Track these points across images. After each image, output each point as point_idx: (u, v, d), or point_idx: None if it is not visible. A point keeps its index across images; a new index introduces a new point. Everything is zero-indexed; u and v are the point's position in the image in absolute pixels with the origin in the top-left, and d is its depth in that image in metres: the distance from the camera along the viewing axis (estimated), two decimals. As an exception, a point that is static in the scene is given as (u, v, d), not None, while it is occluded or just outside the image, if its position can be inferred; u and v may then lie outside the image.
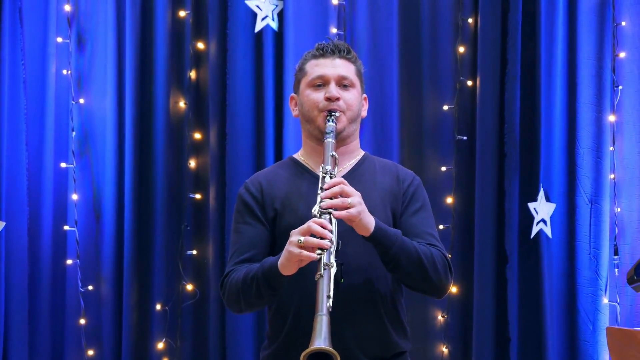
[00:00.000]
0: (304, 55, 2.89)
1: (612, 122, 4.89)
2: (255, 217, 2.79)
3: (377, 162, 2.94)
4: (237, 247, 2.79)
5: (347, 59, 2.85)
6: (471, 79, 4.90)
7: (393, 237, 2.66)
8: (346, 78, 2.82)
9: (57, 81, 4.86)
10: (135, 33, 4.82)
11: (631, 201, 4.89)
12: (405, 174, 2.92)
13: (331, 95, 2.77)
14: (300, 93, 2.86)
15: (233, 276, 2.72)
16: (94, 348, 4.83)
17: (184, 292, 4.80)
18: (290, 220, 2.74)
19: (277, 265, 2.58)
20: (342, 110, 2.79)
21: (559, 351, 4.85)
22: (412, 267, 2.68)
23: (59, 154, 4.87)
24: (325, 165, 2.69)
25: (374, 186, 2.81)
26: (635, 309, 4.88)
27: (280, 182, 2.83)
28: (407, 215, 2.83)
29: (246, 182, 2.89)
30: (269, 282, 2.61)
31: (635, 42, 4.93)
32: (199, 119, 4.86)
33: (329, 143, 2.73)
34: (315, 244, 2.51)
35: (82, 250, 4.83)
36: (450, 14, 4.93)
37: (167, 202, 4.82)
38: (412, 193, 2.87)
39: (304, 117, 2.85)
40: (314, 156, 2.86)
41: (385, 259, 2.67)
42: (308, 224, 2.53)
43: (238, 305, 2.73)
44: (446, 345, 4.88)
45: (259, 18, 4.80)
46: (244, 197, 2.84)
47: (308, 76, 2.84)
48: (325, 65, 2.82)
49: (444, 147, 4.91)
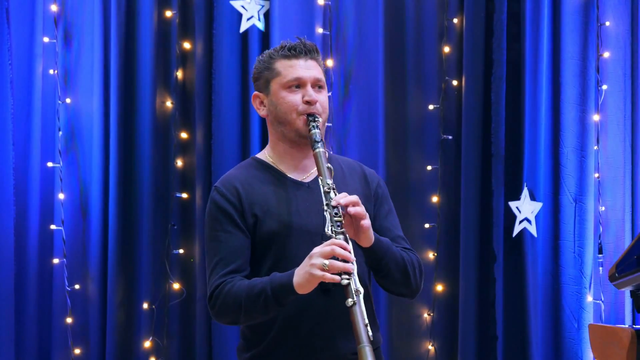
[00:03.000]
0: (268, 53, 2.79)
1: (597, 122, 4.92)
2: (235, 225, 2.70)
3: (342, 162, 2.89)
4: (220, 257, 2.69)
5: (316, 60, 2.79)
6: (457, 79, 4.93)
7: (385, 247, 2.68)
8: (320, 80, 2.77)
9: (43, 81, 4.87)
10: (122, 33, 4.83)
11: (615, 200, 4.92)
12: (370, 173, 2.90)
13: (311, 99, 2.72)
14: (272, 93, 2.76)
15: (229, 288, 2.63)
16: (80, 347, 4.84)
17: (171, 291, 4.81)
18: (272, 226, 2.69)
19: (293, 284, 2.53)
20: (319, 113, 2.74)
21: (544, 349, 4.88)
22: (399, 275, 2.72)
23: (45, 154, 4.87)
24: (325, 178, 2.61)
25: (346, 189, 2.74)
26: (619, 306, 4.91)
27: (256, 187, 2.75)
28: (380, 219, 2.83)
29: (217, 186, 2.77)
30: (279, 300, 2.56)
31: (619, 42, 4.96)
32: (186, 119, 4.87)
33: (321, 153, 2.67)
34: (341, 268, 2.47)
35: (69, 249, 4.83)
36: (436, 14, 4.96)
37: (154, 201, 4.83)
38: (380, 195, 2.87)
39: (278, 119, 2.76)
40: (286, 158, 2.79)
41: (377, 267, 2.69)
42: (331, 247, 2.48)
43: (235, 317, 2.67)
44: (432, 343, 4.90)
45: (244, 18, 4.81)
46: (220, 203, 2.73)
47: (282, 77, 2.74)
48: (299, 67, 2.74)
49: (430, 146, 4.94)
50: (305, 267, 2.51)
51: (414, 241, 4.80)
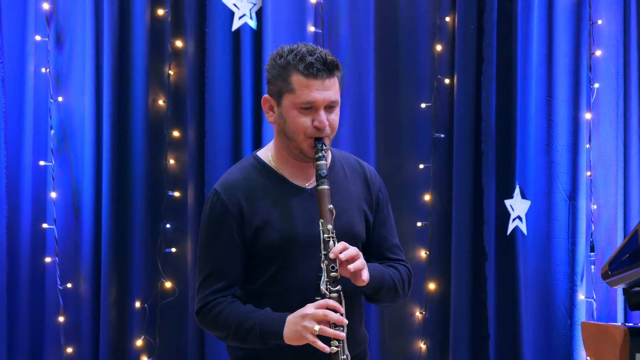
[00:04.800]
0: (285, 59, 2.63)
1: (589, 120, 4.93)
2: (232, 237, 2.65)
3: (344, 163, 2.84)
4: (211, 270, 2.66)
5: (336, 77, 2.68)
6: (449, 77, 4.93)
7: (380, 282, 2.69)
8: (334, 102, 2.67)
9: (35, 79, 4.84)
10: (114, 31, 4.81)
11: (607, 198, 4.94)
12: (371, 175, 2.87)
13: (321, 126, 2.63)
14: (283, 107, 2.65)
15: (219, 311, 2.63)
16: (72, 346, 4.83)
17: (163, 289, 4.80)
18: (274, 238, 2.64)
19: (282, 335, 2.54)
20: (327, 136, 2.66)
21: (536, 347, 4.89)
22: (390, 297, 2.77)
23: (37, 152, 4.86)
24: (325, 223, 2.56)
25: (348, 196, 2.74)
26: (611, 304, 4.92)
27: (258, 195, 2.68)
28: (379, 226, 2.83)
29: (219, 191, 2.68)
30: (266, 341, 2.59)
31: (611, 41, 4.98)
32: (178, 117, 4.86)
33: (325, 192, 2.59)
34: (331, 335, 2.49)
35: (61, 248, 4.82)
36: (428, 12, 4.96)
37: (146, 200, 4.82)
38: (381, 200, 2.85)
39: (285, 134, 2.67)
40: (288, 166, 2.73)
41: (370, 297, 2.74)
42: (324, 312, 2.49)
43: (222, 337, 2.69)
44: (424, 341, 4.90)
45: (236, 17, 4.81)
46: (219, 212, 2.67)
47: (296, 97, 2.61)
48: (315, 88, 2.61)
49: (422, 144, 4.94)
50: (297, 326, 2.53)
51: (406, 239, 4.81)
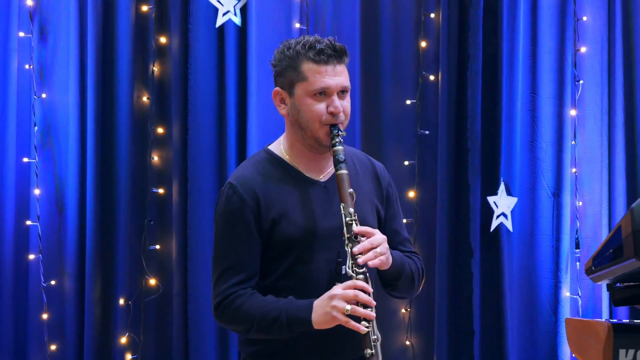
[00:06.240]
0: (294, 49, 2.66)
1: (573, 116, 4.94)
2: (249, 230, 2.64)
3: (355, 159, 2.84)
4: (230, 264, 2.64)
5: (345, 63, 2.70)
6: (434, 73, 4.93)
7: (400, 267, 2.68)
8: (346, 87, 2.68)
9: (19, 76, 4.82)
10: (98, 28, 4.79)
11: (592, 195, 4.94)
12: (380, 170, 2.87)
13: (336, 111, 2.64)
14: (296, 97, 2.66)
15: (240, 304, 2.61)
16: (56, 343, 4.81)
17: (147, 286, 4.79)
18: (290, 232, 2.64)
19: (310, 320, 2.52)
20: (342, 122, 2.68)
21: (520, 344, 4.89)
22: (406, 285, 2.76)
23: (21, 149, 4.83)
24: (347, 207, 2.57)
25: (360, 190, 2.72)
26: (597, 301, 4.93)
27: (273, 188, 2.67)
28: (389, 220, 2.83)
29: (234, 184, 2.67)
30: (293, 330, 2.57)
31: (596, 37, 4.98)
32: (162, 114, 4.84)
33: (344, 176, 2.60)
34: (363, 315, 2.47)
35: (45, 245, 4.80)
36: (413, 8, 4.96)
37: (130, 196, 4.80)
38: (391, 194, 2.86)
39: (299, 124, 2.67)
40: (303, 159, 2.73)
41: (389, 283, 2.72)
42: (354, 292, 2.47)
43: (243, 332, 2.67)
44: (410, 338, 4.90)
45: (220, 13, 4.79)
46: (237, 207, 2.65)
47: (309, 84, 2.63)
48: (327, 74, 2.63)
49: (407, 141, 4.94)
50: (326, 308, 2.51)
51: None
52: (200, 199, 4.80)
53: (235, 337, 4.74)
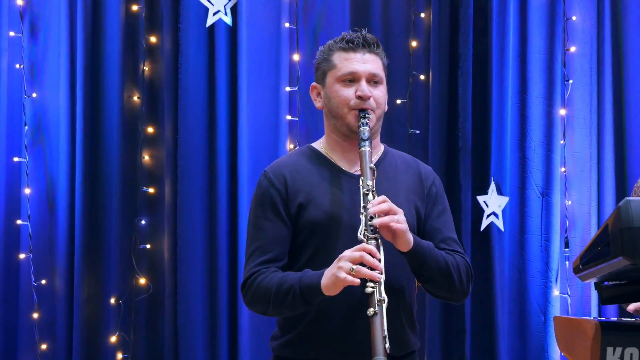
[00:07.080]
0: (328, 44, 2.77)
1: (563, 116, 4.95)
2: (278, 214, 2.70)
3: (397, 157, 2.87)
4: (258, 245, 2.70)
5: (375, 54, 2.74)
6: (424, 73, 4.94)
7: (427, 251, 2.64)
8: (377, 75, 2.72)
9: (9, 75, 4.82)
10: (88, 27, 4.79)
11: (581, 194, 4.95)
12: (426, 171, 2.88)
13: (364, 94, 2.68)
14: (327, 86, 2.75)
15: (261, 279, 2.64)
16: (47, 342, 4.80)
17: (138, 285, 4.79)
18: (315, 216, 2.68)
19: (320, 286, 2.52)
20: (372, 109, 2.70)
21: (511, 342, 4.90)
22: (442, 279, 2.69)
23: (11, 148, 4.83)
24: (365, 179, 2.59)
25: (397, 185, 2.75)
26: (586, 300, 4.94)
27: (304, 174, 2.74)
28: (432, 218, 2.80)
29: (267, 171, 2.78)
30: (306, 299, 2.57)
31: (585, 37, 5.00)
32: (152, 113, 4.84)
33: (366, 152, 2.63)
34: (367, 275, 2.44)
35: (35, 244, 4.80)
36: (403, 8, 4.97)
37: (121, 196, 4.80)
38: (435, 194, 2.84)
39: (331, 112, 2.75)
40: (338, 151, 2.78)
41: (418, 272, 2.67)
42: (360, 253, 2.46)
43: (264, 309, 2.68)
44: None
45: (210, 12, 4.80)
46: (266, 190, 2.74)
47: (337, 70, 2.72)
48: (355, 60, 2.70)
49: (398, 140, 4.93)
50: (332, 269, 2.51)
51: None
52: (190, 198, 4.81)
53: (224, 336, 4.75)
